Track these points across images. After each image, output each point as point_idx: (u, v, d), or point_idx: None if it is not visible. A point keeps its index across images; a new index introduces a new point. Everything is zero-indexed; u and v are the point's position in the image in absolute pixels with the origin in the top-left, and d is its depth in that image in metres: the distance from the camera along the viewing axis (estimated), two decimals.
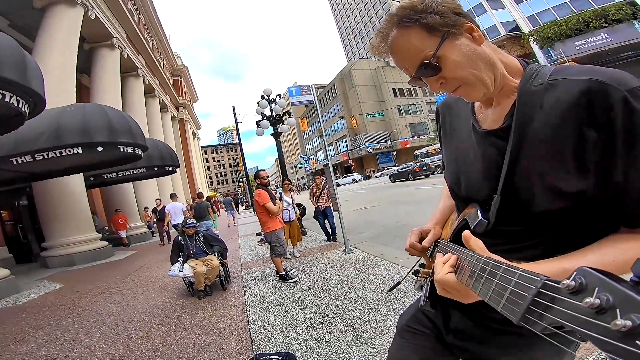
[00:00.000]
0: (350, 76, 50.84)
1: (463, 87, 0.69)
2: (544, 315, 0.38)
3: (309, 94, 6.18)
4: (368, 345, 2.34)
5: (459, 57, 0.66)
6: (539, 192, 0.63)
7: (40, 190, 8.91)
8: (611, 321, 0.29)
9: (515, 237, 0.69)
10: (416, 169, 22.71)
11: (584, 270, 0.34)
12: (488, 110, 0.75)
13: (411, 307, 1.06)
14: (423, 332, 0.96)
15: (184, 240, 4.64)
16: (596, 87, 0.57)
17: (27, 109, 4.07)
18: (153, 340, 3.12)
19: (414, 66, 0.69)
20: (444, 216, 1.00)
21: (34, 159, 5.91)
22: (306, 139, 74.86)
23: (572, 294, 0.34)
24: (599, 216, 0.62)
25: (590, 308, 0.31)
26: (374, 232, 6.93)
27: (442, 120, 0.94)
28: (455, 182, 0.83)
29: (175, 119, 27.39)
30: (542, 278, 0.39)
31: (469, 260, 0.59)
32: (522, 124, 0.65)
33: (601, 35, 21.21)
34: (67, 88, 9.39)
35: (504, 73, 0.70)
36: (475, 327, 0.83)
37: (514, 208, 0.67)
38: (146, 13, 18.85)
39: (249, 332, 2.94)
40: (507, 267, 0.47)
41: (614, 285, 0.31)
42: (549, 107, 0.62)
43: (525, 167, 0.64)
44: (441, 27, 0.65)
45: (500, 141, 0.69)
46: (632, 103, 0.54)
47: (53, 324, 4.06)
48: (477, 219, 0.71)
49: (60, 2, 9.76)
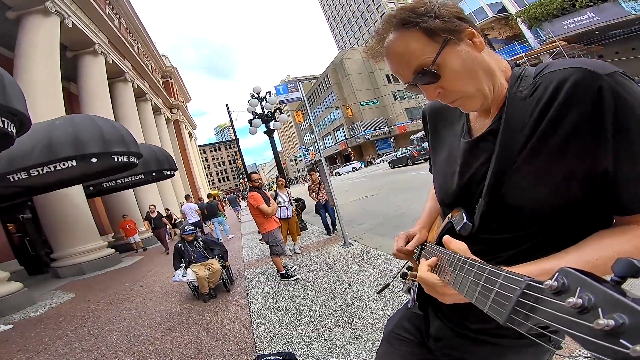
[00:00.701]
0: (343, 65, 50.28)
1: (461, 99, 0.67)
2: (529, 316, 0.38)
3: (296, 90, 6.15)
4: (365, 341, 2.42)
5: (459, 64, 0.64)
6: (525, 194, 0.63)
7: (42, 203, 9.01)
8: (594, 320, 0.29)
9: (501, 243, 0.69)
10: (414, 153, 22.65)
11: (565, 270, 0.35)
12: (485, 119, 0.73)
13: (397, 312, 1.08)
14: (407, 339, 0.97)
15: (184, 247, 4.72)
16: (577, 75, 0.56)
17: (14, 129, 4.08)
18: (163, 346, 3.23)
19: (411, 72, 0.66)
20: (431, 219, 1.00)
21: (29, 174, 5.95)
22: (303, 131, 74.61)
23: (555, 294, 0.35)
24: (587, 215, 0.62)
25: (573, 308, 0.31)
26: (373, 223, 6.99)
27: (430, 126, 0.93)
28: (442, 186, 0.83)
29: (169, 121, 27.24)
30: (526, 279, 0.39)
31: (454, 263, 0.58)
32: (510, 126, 0.64)
33: (588, 14, 20.93)
34: (55, 98, 9.34)
35: (502, 82, 0.68)
36: (452, 336, 0.85)
37: (498, 211, 0.67)
38: (127, 17, 18.52)
39: (252, 334, 3.03)
40: (491, 268, 0.47)
41: (595, 285, 0.31)
42: (535, 106, 0.61)
43: (511, 170, 0.64)
44: (442, 32, 0.63)
45: (489, 144, 0.68)
46: (614, 87, 0.53)
47: (70, 334, 4.21)
48: (462, 222, 0.72)
49: (35, 12, 9.57)
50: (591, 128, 0.55)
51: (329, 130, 58.48)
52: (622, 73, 0.55)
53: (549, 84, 0.60)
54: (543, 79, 0.62)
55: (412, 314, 0.98)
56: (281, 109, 8.33)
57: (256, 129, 8.44)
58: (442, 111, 0.88)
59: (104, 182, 10.64)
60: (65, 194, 8.94)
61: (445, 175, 0.82)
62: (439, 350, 0.91)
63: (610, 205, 0.59)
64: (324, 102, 57.94)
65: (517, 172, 0.63)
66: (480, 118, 0.75)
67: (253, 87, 8.19)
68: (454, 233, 0.73)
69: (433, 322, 0.91)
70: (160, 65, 27.92)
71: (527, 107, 0.63)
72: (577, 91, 0.56)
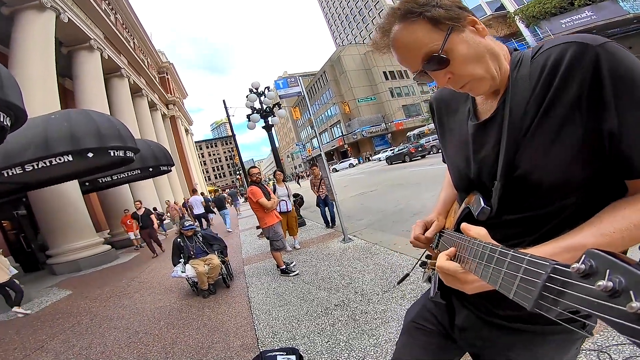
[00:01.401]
0: (340, 62, 50.19)
1: (470, 83, 0.69)
2: (557, 301, 0.37)
3: (296, 85, 6.09)
4: (369, 336, 2.40)
5: (466, 49, 0.66)
6: (539, 170, 0.64)
7: (37, 199, 8.91)
8: (626, 304, 0.28)
9: (523, 224, 0.69)
10: (412, 150, 22.74)
11: (592, 252, 0.34)
12: (492, 101, 0.74)
13: (417, 302, 1.06)
14: (429, 329, 0.96)
15: (183, 242, 4.68)
16: (572, 49, 0.59)
17: (9, 122, 3.99)
18: (164, 343, 3.20)
19: (420, 60, 0.68)
20: (447, 206, 1.00)
21: (24, 170, 5.85)
22: (300, 127, 74.49)
23: (583, 278, 0.33)
24: (603, 186, 0.62)
25: (603, 291, 0.30)
26: (372, 218, 6.99)
27: (439, 115, 0.93)
28: (456, 171, 0.84)
29: (166, 117, 27.05)
30: (552, 262, 0.38)
31: (474, 249, 0.58)
32: (515, 107, 0.66)
33: (586, 12, 21.06)
34: (50, 94, 9.22)
35: (505, 64, 0.70)
36: (480, 324, 0.83)
37: (515, 192, 0.68)
38: (123, 12, 18.30)
39: (254, 329, 3.01)
40: (514, 253, 0.46)
41: (625, 267, 0.30)
42: (536, 83, 0.64)
43: (522, 148, 0.65)
44: (446, 21, 0.65)
45: (497, 128, 0.70)
46: (608, 54, 0.56)
47: (68, 331, 4.16)
48: (480, 207, 0.71)
49: (29, 8, 9.43)
50: (592, 96, 0.57)
51: (326, 127, 58.39)
52: (612, 42, 0.58)
53: (547, 61, 0.62)
54: (540, 58, 0.64)
55: (433, 304, 0.97)
56: (280, 104, 8.27)
57: (254, 124, 8.38)
58: (448, 99, 0.90)
59: (100, 178, 10.54)
60: (61, 190, 8.84)
61: (457, 160, 0.83)
62: (465, 340, 0.89)
63: (621, 169, 0.59)
64: (321, 98, 57.84)
65: (527, 151, 0.64)
66: (487, 100, 0.77)
67: (252, 82, 8.12)
68: (472, 219, 0.72)
69: (459, 311, 0.89)
70: (156, 60, 27.66)
71: (528, 87, 0.65)
72: (574, 63, 0.58)
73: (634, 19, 20.06)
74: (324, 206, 7.01)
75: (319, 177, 7.06)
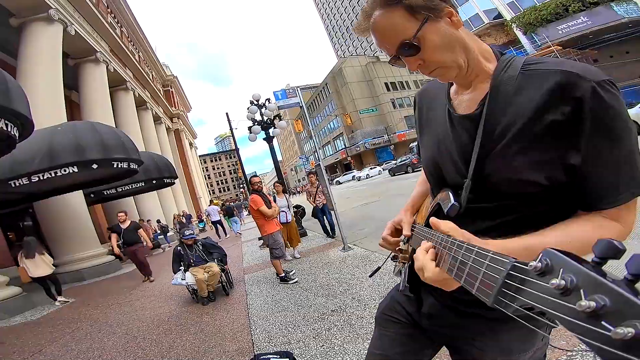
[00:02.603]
0: (342, 74, 50.71)
1: (439, 69, 0.72)
2: (515, 297, 0.38)
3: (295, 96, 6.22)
4: (364, 340, 2.41)
5: (438, 39, 0.68)
6: (507, 176, 0.66)
7: (42, 210, 9.02)
8: (576, 302, 0.29)
9: (487, 216, 0.72)
10: (414, 161, 22.70)
11: (549, 251, 0.35)
12: (464, 95, 0.77)
13: (387, 295, 1.08)
14: (399, 320, 0.97)
15: (184, 250, 4.72)
16: (568, 78, 0.60)
17: (16, 132, 4.12)
18: (161, 347, 3.21)
19: (395, 46, 0.71)
20: (416, 202, 1.03)
21: (30, 180, 5.98)
22: (304, 140, 74.91)
23: (539, 275, 0.34)
24: (566, 199, 0.65)
25: (556, 289, 0.31)
26: (373, 228, 6.98)
27: (419, 109, 0.96)
28: (430, 167, 0.85)
29: (170, 130, 27.42)
30: (511, 260, 0.40)
31: (443, 244, 0.60)
32: (493, 110, 0.68)
33: (581, 18, 21.37)
34: (57, 106, 9.42)
35: (478, 58, 0.73)
36: (445, 311, 0.84)
37: (483, 192, 0.70)
38: (128, 25, 18.82)
39: (251, 334, 3.02)
40: (479, 250, 0.48)
41: (576, 266, 0.31)
42: (520, 95, 0.65)
43: (494, 153, 0.67)
44: (423, 10, 0.67)
45: (472, 126, 0.71)
46: (600, 93, 0.57)
47: (67, 336, 4.19)
48: (449, 203, 0.73)
49: (37, 20, 9.69)
50: (570, 128, 0.60)
51: (329, 139, 58.65)
52: (609, 82, 0.59)
53: (537, 80, 0.64)
54: (532, 73, 0.66)
55: (403, 295, 0.99)
56: (280, 115, 8.39)
57: (255, 136, 8.49)
58: (431, 95, 0.91)
59: (105, 190, 10.66)
60: (66, 200, 8.96)
61: (432, 154, 0.85)
62: (432, 327, 0.90)
63: (575, 199, 0.64)
64: (323, 111, 58.25)
65: (497, 157, 0.67)
66: (459, 94, 0.79)
67: (252, 94, 8.28)
68: (441, 214, 0.75)
69: (426, 299, 0.91)
70: (161, 74, 28.24)
71: (511, 96, 0.67)
72: (563, 92, 0.60)
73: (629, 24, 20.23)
74: (322, 215, 6.90)
75: (315, 186, 6.99)
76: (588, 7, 21.05)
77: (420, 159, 0.96)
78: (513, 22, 24.34)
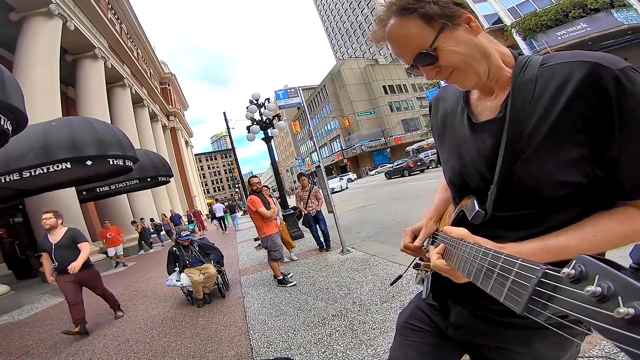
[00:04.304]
0: (340, 76, 50.89)
1: (457, 76, 0.70)
2: (547, 305, 0.37)
3: (296, 96, 6.15)
4: (367, 346, 2.34)
5: (456, 48, 0.66)
6: (536, 180, 0.63)
7: (33, 206, 8.82)
8: (614, 309, 0.28)
9: (513, 224, 0.69)
10: (411, 164, 22.82)
11: (583, 258, 0.34)
12: (487, 101, 0.74)
13: (410, 304, 1.05)
14: (423, 329, 0.94)
15: (179, 251, 4.61)
16: (589, 69, 0.57)
17: (10, 126, 4.00)
18: (154, 351, 3.11)
19: (411, 55, 0.69)
20: (439, 211, 1.00)
21: (22, 176, 5.83)
22: (300, 141, 74.88)
23: (573, 283, 0.34)
24: (594, 198, 0.63)
25: (592, 296, 0.31)
26: (371, 231, 6.94)
27: (435, 115, 0.93)
28: (453, 174, 0.82)
29: (166, 128, 27.21)
30: (542, 267, 0.39)
31: (468, 252, 0.58)
32: (516, 113, 0.65)
33: (581, 24, 21.56)
34: (53, 101, 9.29)
35: (499, 64, 0.70)
36: (475, 321, 0.81)
37: (510, 198, 0.67)
38: (128, 22, 18.68)
39: (249, 339, 2.93)
40: (506, 257, 0.47)
41: (614, 273, 0.30)
42: (543, 94, 0.63)
43: (526, 156, 0.64)
44: (440, 18, 0.65)
45: (497, 131, 0.68)
46: (623, 82, 0.55)
47: (56, 337, 4.07)
48: (474, 211, 0.70)
49: (38, 15, 9.65)
50: (599, 120, 0.57)
51: (326, 141, 58.69)
52: (632, 68, 0.57)
53: (558, 75, 0.61)
54: (551, 69, 0.63)
55: (427, 304, 0.95)
56: (280, 115, 8.33)
57: (254, 136, 8.41)
58: (445, 99, 0.90)
59: (98, 187, 10.48)
60: (58, 197, 8.78)
61: (453, 161, 0.82)
62: (460, 337, 0.87)
63: (613, 191, 0.61)
64: (321, 112, 58.30)
65: (526, 160, 0.64)
66: (482, 100, 0.76)
67: (252, 93, 8.20)
68: (466, 222, 0.72)
69: (453, 308, 0.87)
70: (158, 71, 28.05)
71: (533, 96, 0.64)
72: (586, 85, 0.57)
73: (628, 30, 20.46)
74: (315, 224, 5.88)
75: (307, 189, 6.09)
76: (588, 14, 21.25)
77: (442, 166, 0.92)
78: (513, 27, 24.52)
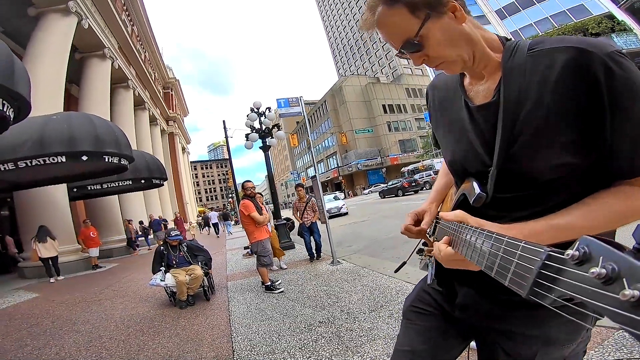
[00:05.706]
0: (341, 92, 51.53)
1: (443, 64, 0.72)
2: (552, 288, 0.36)
3: (297, 105, 6.20)
4: (354, 353, 2.28)
5: (441, 36, 0.67)
6: (534, 163, 0.64)
7: (22, 200, 8.68)
8: (619, 291, 0.28)
9: (515, 204, 0.70)
10: (405, 184, 22.91)
11: (587, 239, 0.33)
12: (479, 85, 0.76)
13: (414, 289, 1.03)
14: (428, 312, 0.93)
15: (167, 250, 4.52)
16: (578, 54, 0.59)
17: (12, 114, 3.98)
18: (128, 349, 3.01)
19: (398, 42, 0.71)
20: (441, 194, 1.00)
21: (17, 166, 5.75)
22: (297, 156, 75.07)
23: (577, 265, 0.33)
24: (594, 177, 0.64)
25: (597, 278, 0.30)
26: (362, 245, 6.89)
27: (432, 102, 0.94)
28: (452, 157, 0.83)
29: (164, 133, 27.16)
30: (546, 249, 0.38)
31: (470, 236, 0.58)
32: (509, 97, 0.66)
33: None
34: (56, 97, 9.28)
35: (485, 50, 0.71)
36: (483, 301, 0.80)
37: (510, 179, 0.68)
38: (140, 24, 18.95)
39: (231, 341, 2.84)
40: (509, 239, 0.46)
41: (618, 254, 0.30)
42: (533, 77, 0.64)
43: (518, 139, 0.65)
44: (425, 7, 0.65)
45: (492, 115, 0.69)
46: (612, 66, 0.56)
47: (24, 331, 3.93)
48: (475, 193, 0.71)
49: (55, 11, 9.81)
50: (589, 104, 0.58)
51: (323, 157, 58.86)
52: (619, 52, 0.58)
53: (548, 60, 0.62)
54: (540, 54, 0.64)
55: (432, 288, 0.95)
56: (279, 125, 8.39)
57: (252, 143, 8.44)
58: (441, 85, 0.91)
59: (90, 185, 10.33)
60: (49, 193, 8.66)
61: (452, 145, 0.83)
62: (467, 319, 0.85)
63: (610, 170, 0.63)
64: (320, 128, 58.70)
65: (522, 142, 0.65)
66: (473, 85, 0.78)
67: (254, 101, 8.28)
68: (468, 204, 0.73)
69: (460, 290, 0.86)
70: (163, 75, 28.26)
71: (524, 80, 0.65)
72: (576, 70, 0.59)
73: None
74: (309, 235, 5.96)
75: (304, 200, 6.20)
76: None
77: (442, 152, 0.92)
78: None
